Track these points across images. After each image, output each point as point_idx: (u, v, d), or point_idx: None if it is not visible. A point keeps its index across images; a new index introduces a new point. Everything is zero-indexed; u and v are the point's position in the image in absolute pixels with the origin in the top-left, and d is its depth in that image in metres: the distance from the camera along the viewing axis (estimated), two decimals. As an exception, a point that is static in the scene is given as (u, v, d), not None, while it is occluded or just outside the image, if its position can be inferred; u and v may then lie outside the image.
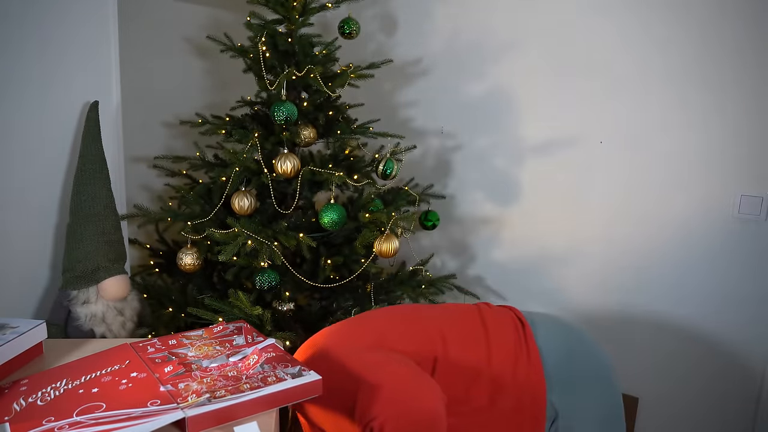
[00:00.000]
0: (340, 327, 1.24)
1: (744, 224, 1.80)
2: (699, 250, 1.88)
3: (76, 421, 0.76)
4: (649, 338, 1.99)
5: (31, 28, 1.66)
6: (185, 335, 1.07)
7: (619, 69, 1.94)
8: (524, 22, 2.11)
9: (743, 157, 1.78)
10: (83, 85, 1.84)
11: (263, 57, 1.85)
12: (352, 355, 1.09)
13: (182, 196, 1.99)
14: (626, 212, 1.98)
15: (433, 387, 1.00)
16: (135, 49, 2.09)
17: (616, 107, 1.96)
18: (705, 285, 1.88)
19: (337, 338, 1.18)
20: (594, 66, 1.99)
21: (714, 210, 1.83)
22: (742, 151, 1.78)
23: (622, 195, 1.98)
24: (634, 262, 1.99)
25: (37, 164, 1.73)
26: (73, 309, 1.74)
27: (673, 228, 1.91)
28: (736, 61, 1.75)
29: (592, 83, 2.00)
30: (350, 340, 1.18)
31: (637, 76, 1.91)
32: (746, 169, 1.78)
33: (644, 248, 1.97)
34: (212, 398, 0.81)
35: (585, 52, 2.00)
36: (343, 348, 1.13)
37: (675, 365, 1.96)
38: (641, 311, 2.00)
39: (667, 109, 1.87)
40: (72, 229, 1.76)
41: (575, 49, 2.01)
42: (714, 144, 1.81)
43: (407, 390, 0.98)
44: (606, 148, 2.00)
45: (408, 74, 2.38)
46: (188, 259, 1.86)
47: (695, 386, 1.93)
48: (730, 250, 1.83)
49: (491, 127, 2.24)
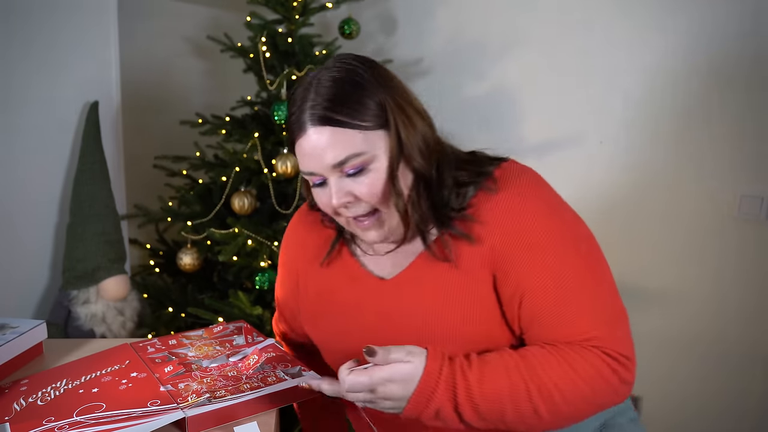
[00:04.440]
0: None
1: (744, 224, 1.79)
2: (699, 250, 1.87)
3: (76, 421, 0.76)
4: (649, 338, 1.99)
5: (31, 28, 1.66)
6: (185, 335, 1.07)
7: (619, 69, 1.94)
8: (524, 22, 2.11)
9: (743, 157, 1.78)
10: (83, 85, 1.84)
11: (263, 57, 1.85)
12: None
13: (182, 196, 1.99)
14: (626, 212, 1.98)
15: None
16: (135, 49, 2.09)
17: (616, 107, 1.96)
18: (705, 285, 1.87)
19: None
20: (594, 66, 1.99)
21: (714, 210, 1.83)
22: (742, 151, 1.78)
23: (622, 195, 1.98)
24: (633, 262, 1.99)
25: (37, 164, 1.73)
26: (73, 309, 1.74)
27: (673, 228, 1.91)
28: (736, 61, 1.74)
29: (592, 83, 2.00)
30: None
31: (637, 76, 1.91)
32: (746, 169, 1.78)
33: (644, 248, 1.97)
34: (212, 398, 0.81)
35: (585, 51, 2.00)
36: None
37: (675, 365, 1.96)
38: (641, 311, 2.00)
39: (667, 109, 1.87)
40: (72, 229, 1.77)
41: (576, 48, 2.01)
42: (714, 144, 1.81)
43: None
44: (606, 148, 2.00)
45: (408, 74, 2.38)
46: (188, 259, 1.86)
47: (695, 386, 1.93)
48: (730, 250, 1.83)
49: (491, 127, 2.24)
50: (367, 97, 0.83)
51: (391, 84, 0.86)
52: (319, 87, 0.83)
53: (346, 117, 0.81)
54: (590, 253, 0.88)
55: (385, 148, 0.83)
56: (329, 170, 0.83)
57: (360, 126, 0.81)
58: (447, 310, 0.86)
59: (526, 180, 0.90)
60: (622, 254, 2.02)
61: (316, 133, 0.81)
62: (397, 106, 0.84)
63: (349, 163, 0.82)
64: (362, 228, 0.88)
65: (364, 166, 0.82)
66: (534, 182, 0.91)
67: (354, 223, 0.88)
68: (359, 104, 0.82)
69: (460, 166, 0.90)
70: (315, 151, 0.82)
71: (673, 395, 1.97)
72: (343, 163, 0.82)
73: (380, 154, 0.83)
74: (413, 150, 0.84)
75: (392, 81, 0.87)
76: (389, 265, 0.94)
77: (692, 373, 1.93)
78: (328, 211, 0.88)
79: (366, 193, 0.83)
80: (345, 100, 0.82)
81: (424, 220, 0.87)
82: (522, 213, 0.85)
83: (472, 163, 0.92)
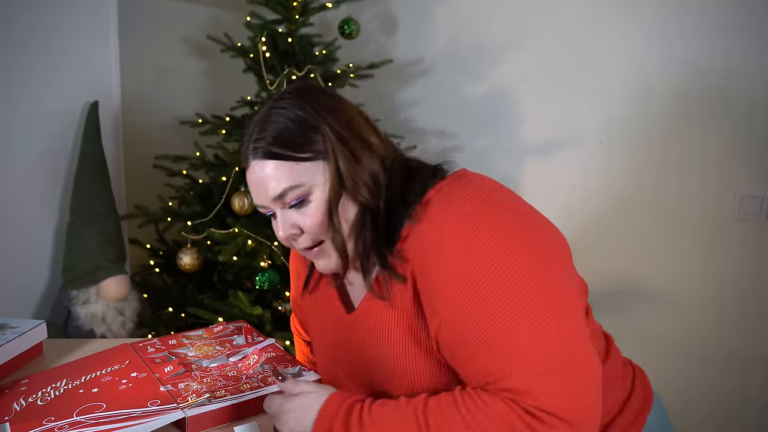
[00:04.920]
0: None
1: (744, 224, 1.79)
2: (699, 250, 1.87)
3: (76, 421, 0.76)
4: (649, 338, 1.99)
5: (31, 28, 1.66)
6: (185, 335, 1.07)
7: (619, 68, 1.94)
8: (524, 22, 2.11)
9: (743, 157, 1.78)
10: (83, 85, 1.84)
11: (263, 57, 1.85)
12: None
13: (182, 196, 1.99)
14: (625, 212, 1.98)
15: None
16: (135, 49, 2.09)
17: (616, 107, 1.96)
18: (705, 285, 1.87)
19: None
20: (594, 65, 1.99)
21: (714, 210, 1.83)
22: (742, 151, 1.78)
23: (621, 195, 1.98)
24: (632, 262, 1.99)
25: (37, 164, 1.73)
26: (73, 309, 1.74)
27: (673, 228, 1.91)
28: (736, 61, 1.74)
29: (592, 83, 2.00)
30: None
31: (637, 76, 1.91)
32: (746, 169, 1.78)
33: (643, 248, 1.97)
34: (212, 398, 0.82)
35: (585, 51, 2.00)
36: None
37: (675, 365, 1.96)
38: (640, 311, 2.00)
39: (667, 109, 1.87)
40: (72, 229, 1.77)
41: (576, 48, 2.01)
42: (714, 144, 1.81)
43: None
44: (606, 148, 2.00)
45: (408, 74, 2.38)
46: (188, 259, 1.86)
47: (695, 386, 1.93)
48: (730, 250, 1.83)
49: (491, 127, 2.24)
50: (309, 130, 0.82)
51: (335, 116, 0.84)
52: (264, 121, 0.84)
53: (285, 150, 0.81)
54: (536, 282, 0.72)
55: (325, 179, 0.82)
56: (272, 202, 0.84)
57: (299, 158, 0.81)
58: (392, 350, 0.84)
59: (448, 199, 0.78)
60: (620, 254, 2.03)
61: (258, 166, 0.83)
62: (339, 139, 0.83)
63: (289, 195, 0.82)
64: (311, 257, 0.88)
65: (304, 198, 0.82)
66: (459, 200, 0.77)
67: (305, 252, 0.88)
68: (300, 137, 0.82)
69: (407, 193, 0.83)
70: (259, 183, 0.84)
71: (673, 395, 1.97)
72: (282, 195, 0.82)
73: (319, 186, 0.82)
74: (356, 183, 0.83)
75: (338, 112, 0.85)
76: (358, 295, 0.93)
77: (692, 373, 1.93)
78: (282, 241, 0.88)
79: (308, 224, 0.83)
80: (286, 133, 0.82)
81: (366, 254, 0.85)
82: (432, 242, 0.76)
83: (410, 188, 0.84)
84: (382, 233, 0.83)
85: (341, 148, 0.83)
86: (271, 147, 0.82)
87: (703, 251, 1.87)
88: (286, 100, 0.85)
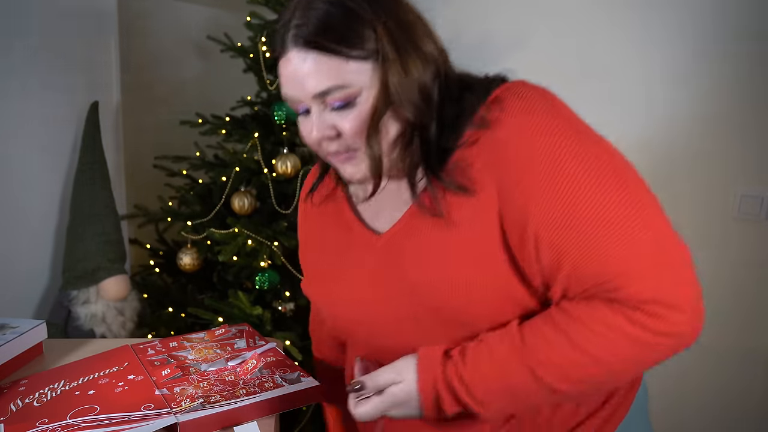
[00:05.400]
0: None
1: (744, 224, 1.79)
2: (698, 250, 1.86)
3: (68, 423, 0.76)
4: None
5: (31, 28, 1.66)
6: (186, 337, 1.06)
7: (620, 70, 1.93)
8: (526, 23, 2.11)
9: (743, 157, 1.77)
10: (83, 85, 1.84)
11: (263, 57, 1.85)
12: None
13: (182, 196, 2.00)
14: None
15: None
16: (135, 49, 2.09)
17: (618, 108, 1.95)
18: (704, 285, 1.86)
19: None
20: (596, 67, 1.98)
21: (714, 210, 1.83)
22: (742, 151, 1.77)
23: (622, 195, 1.97)
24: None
25: (37, 164, 1.74)
26: (73, 309, 1.74)
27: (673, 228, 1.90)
28: (737, 61, 1.74)
29: (593, 84, 1.99)
30: None
31: (638, 77, 1.90)
32: (746, 169, 1.77)
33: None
34: (206, 403, 0.81)
35: (587, 53, 1.99)
36: None
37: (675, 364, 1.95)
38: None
39: (667, 109, 1.86)
40: (72, 229, 1.77)
41: (577, 50, 2.00)
42: (714, 144, 1.80)
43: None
44: (606, 148, 1.99)
45: (408, 74, 2.37)
46: (188, 259, 1.87)
47: (695, 385, 1.92)
48: (730, 250, 1.82)
49: (491, 126, 2.23)
50: (361, 25, 0.73)
51: (393, 14, 0.75)
52: (308, 5, 0.74)
53: (333, 43, 0.72)
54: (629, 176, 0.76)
55: (374, 82, 0.74)
56: (311, 99, 0.75)
57: (348, 55, 0.72)
58: (444, 276, 0.74)
59: (532, 96, 0.77)
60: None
61: (298, 57, 0.73)
62: (392, 43, 0.73)
63: (334, 94, 0.74)
64: (337, 161, 0.80)
65: (350, 100, 0.74)
66: (545, 99, 0.78)
67: (334, 158, 0.80)
68: (351, 31, 0.72)
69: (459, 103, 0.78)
70: (296, 76, 0.75)
71: (673, 395, 1.97)
72: (325, 93, 0.74)
73: (367, 89, 0.74)
74: (402, 100, 0.74)
75: (396, 11, 0.76)
76: (383, 216, 0.85)
77: (692, 372, 1.93)
78: (309, 142, 0.80)
79: (348, 129, 0.75)
80: (335, 24, 0.72)
81: (412, 168, 0.78)
82: (517, 145, 0.72)
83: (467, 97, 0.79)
84: (434, 150, 0.76)
85: (394, 54, 0.74)
86: (317, 36, 0.72)
87: (703, 251, 1.86)
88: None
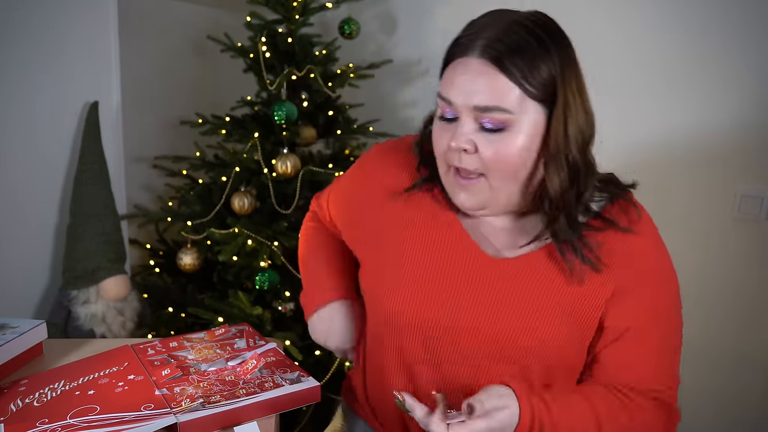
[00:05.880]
0: None
1: (744, 224, 1.79)
2: (699, 250, 1.87)
3: (68, 423, 0.76)
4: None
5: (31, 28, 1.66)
6: (186, 337, 1.06)
7: (619, 69, 1.93)
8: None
9: (743, 157, 1.77)
10: (83, 85, 1.84)
11: (263, 57, 1.85)
12: None
13: (182, 196, 2.00)
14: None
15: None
16: (135, 49, 2.09)
17: (616, 107, 1.95)
18: (704, 285, 1.87)
19: None
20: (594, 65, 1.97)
21: (714, 210, 1.83)
22: (741, 151, 1.77)
23: (622, 195, 1.97)
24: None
25: (37, 164, 1.73)
26: (73, 309, 1.74)
27: (673, 228, 1.90)
28: (737, 61, 1.74)
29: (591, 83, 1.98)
30: None
31: (637, 76, 1.90)
32: (746, 169, 1.77)
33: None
34: (206, 403, 0.81)
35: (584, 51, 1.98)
36: None
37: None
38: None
39: (667, 108, 1.86)
40: (72, 229, 1.77)
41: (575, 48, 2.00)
42: (714, 144, 1.81)
43: None
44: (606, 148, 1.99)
45: (408, 74, 2.37)
46: (188, 259, 1.87)
47: (693, 386, 1.92)
48: (730, 250, 1.82)
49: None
50: (547, 67, 0.77)
51: (576, 75, 0.82)
52: (505, 27, 0.77)
53: (517, 70, 0.75)
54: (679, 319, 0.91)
55: (533, 122, 0.77)
56: (468, 109, 0.77)
57: (523, 86, 0.75)
58: (552, 321, 0.82)
59: (655, 229, 0.93)
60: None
61: (478, 66, 0.76)
62: (568, 97, 0.79)
63: (492, 114, 0.76)
64: (457, 184, 0.82)
65: (503, 126, 0.76)
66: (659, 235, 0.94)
67: (454, 175, 0.82)
68: (536, 67, 0.76)
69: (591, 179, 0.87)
70: (465, 82, 0.77)
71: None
72: (485, 109, 0.76)
73: (526, 124, 0.77)
74: (560, 148, 0.79)
75: (578, 73, 0.83)
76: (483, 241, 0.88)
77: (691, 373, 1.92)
78: (438, 150, 0.82)
79: (491, 153, 0.77)
80: (527, 55, 0.76)
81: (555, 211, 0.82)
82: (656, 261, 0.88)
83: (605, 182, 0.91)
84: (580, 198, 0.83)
85: (566, 108, 0.78)
86: (507, 57, 0.75)
87: (703, 251, 1.87)
88: (533, 21, 0.79)
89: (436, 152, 0.84)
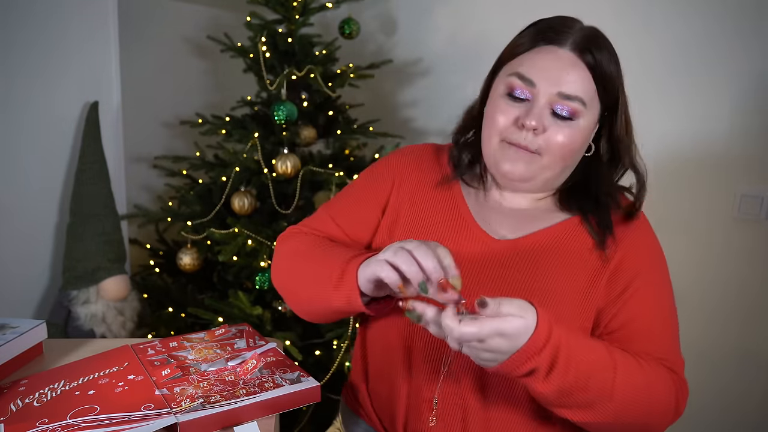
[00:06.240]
0: None
1: (744, 224, 1.79)
2: (699, 250, 1.87)
3: (68, 423, 0.76)
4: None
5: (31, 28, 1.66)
6: (186, 337, 1.06)
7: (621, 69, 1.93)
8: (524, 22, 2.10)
9: (743, 157, 1.77)
10: (83, 85, 1.84)
11: (263, 57, 1.85)
12: None
13: (182, 196, 2.00)
14: (626, 212, 1.97)
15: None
16: (135, 49, 2.09)
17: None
18: (704, 285, 1.87)
19: None
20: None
21: (714, 210, 1.83)
22: (742, 151, 1.77)
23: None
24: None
25: (37, 164, 1.73)
26: (73, 309, 1.74)
27: (673, 228, 1.90)
28: (737, 61, 1.74)
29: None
30: None
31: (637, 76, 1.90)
32: (746, 170, 1.77)
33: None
34: (206, 403, 0.81)
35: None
36: None
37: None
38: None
39: (667, 108, 1.86)
40: (72, 229, 1.77)
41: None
42: (714, 144, 1.81)
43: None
44: (606, 149, 1.99)
45: (408, 74, 2.37)
46: (188, 259, 1.87)
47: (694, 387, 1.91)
48: (730, 250, 1.82)
49: (491, 127, 2.23)
50: (618, 79, 0.91)
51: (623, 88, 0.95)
52: (593, 33, 0.90)
53: (605, 72, 0.87)
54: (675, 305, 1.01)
55: (593, 119, 0.89)
56: (549, 94, 0.85)
57: (606, 86, 0.88)
58: (567, 286, 0.89)
59: (649, 224, 1.03)
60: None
61: (570, 57, 0.86)
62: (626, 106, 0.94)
63: (571, 103, 0.85)
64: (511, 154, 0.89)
65: (574, 116, 0.86)
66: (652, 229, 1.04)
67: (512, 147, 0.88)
68: (616, 75, 0.90)
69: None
70: (556, 69, 0.86)
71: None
72: (568, 98, 0.85)
73: (589, 119, 0.88)
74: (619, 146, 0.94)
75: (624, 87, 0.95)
76: (494, 222, 0.95)
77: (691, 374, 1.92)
78: (497, 125, 0.89)
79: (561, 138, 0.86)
80: (613, 61, 0.89)
81: (591, 202, 0.94)
82: (654, 245, 0.99)
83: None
84: (605, 196, 0.94)
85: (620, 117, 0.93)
86: (600, 57, 0.87)
87: (703, 251, 1.87)
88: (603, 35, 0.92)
89: (492, 127, 0.90)
